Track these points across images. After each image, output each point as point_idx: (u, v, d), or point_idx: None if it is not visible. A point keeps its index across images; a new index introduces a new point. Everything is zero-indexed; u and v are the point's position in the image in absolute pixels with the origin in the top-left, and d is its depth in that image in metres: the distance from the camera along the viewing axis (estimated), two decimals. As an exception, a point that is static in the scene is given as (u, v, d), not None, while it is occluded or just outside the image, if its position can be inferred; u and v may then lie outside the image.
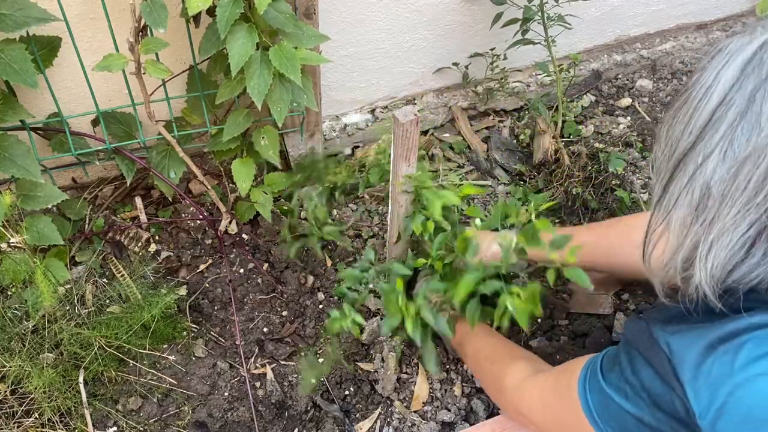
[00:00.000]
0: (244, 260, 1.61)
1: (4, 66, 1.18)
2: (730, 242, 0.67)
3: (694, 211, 0.69)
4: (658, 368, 0.77)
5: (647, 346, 0.79)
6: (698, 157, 0.68)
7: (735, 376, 0.67)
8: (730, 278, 0.69)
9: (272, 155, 1.43)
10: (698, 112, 0.68)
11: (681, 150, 0.70)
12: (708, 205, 0.68)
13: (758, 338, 0.68)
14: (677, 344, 0.74)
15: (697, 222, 0.69)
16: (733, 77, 0.66)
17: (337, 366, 1.43)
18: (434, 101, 1.91)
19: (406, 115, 1.09)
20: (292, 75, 1.24)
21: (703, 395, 0.70)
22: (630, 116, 2.00)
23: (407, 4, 1.64)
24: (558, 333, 1.49)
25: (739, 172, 0.65)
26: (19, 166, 1.27)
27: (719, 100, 0.66)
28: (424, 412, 1.37)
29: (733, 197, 0.65)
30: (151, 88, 1.35)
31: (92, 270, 1.54)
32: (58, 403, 1.31)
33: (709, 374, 0.70)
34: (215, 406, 1.38)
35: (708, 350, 0.70)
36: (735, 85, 0.65)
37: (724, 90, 0.66)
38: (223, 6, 1.17)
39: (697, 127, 0.68)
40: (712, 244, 0.68)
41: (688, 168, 0.69)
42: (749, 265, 0.67)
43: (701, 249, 0.70)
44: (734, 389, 0.67)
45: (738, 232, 0.66)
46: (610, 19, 2.01)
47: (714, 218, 0.67)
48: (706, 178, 0.67)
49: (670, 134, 0.72)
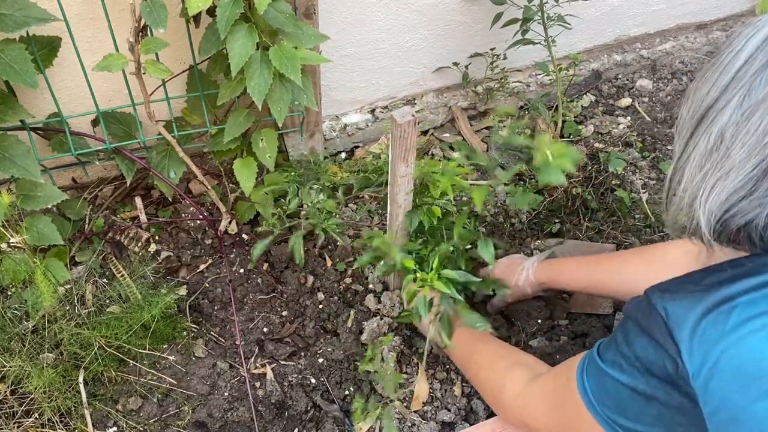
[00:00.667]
0: (244, 260, 1.61)
1: (4, 66, 1.18)
2: (735, 178, 0.71)
3: (707, 154, 0.74)
4: (654, 332, 0.79)
5: (645, 314, 0.82)
6: (719, 108, 0.72)
7: (727, 336, 0.71)
8: (728, 213, 0.73)
9: (269, 158, 1.43)
10: (725, 72, 0.73)
11: (705, 106, 0.74)
12: (720, 147, 0.72)
13: (748, 301, 0.71)
14: (674, 308, 0.78)
15: (708, 162, 0.74)
16: (759, 41, 0.71)
17: (336, 366, 1.43)
18: (434, 101, 1.91)
19: (403, 115, 1.09)
20: (293, 75, 1.24)
21: (696, 356, 0.73)
22: (630, 116, 2.00)
23: (407, 4, 1.64)
24: (558, 333, 1.49)
25: (752, 114, 0.69)
26: (19, 166, 1.27)
27: (745, 59, 0.71)
28: (424, 412, 1.37)
29: (743, 139, 0.69)
30: (151, 88, 1.36)
31: (92, 270, 1.54)
32: (58, 403, 1.31)
33: (702, 336, 0.73)
34: (215, 406, 1.38)
35: (703, 314, 0.74)
36: (760, 47, 0.70)
37: (749, 52, 0.71)
38: (223, 6, 1.17)
39: (722, 84, 0.72)
40: (717, 181, 0.73)
41: (709, 119, 0.74)
42: (749, 200, 0.72)
43: (705, 186, 0.74)
44: (726, 348, 0.71)
45: (745, 169, 0.70)
46: (610, 19, 2.01)
47: (723, 158, 0.72)
48: (722, 124, 0.72)
49: (695, 95, 0.77)
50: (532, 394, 1.07)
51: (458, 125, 1.93)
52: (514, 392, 1.12)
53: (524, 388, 1.10)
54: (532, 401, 1.07)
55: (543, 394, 1.04)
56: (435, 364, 1.44)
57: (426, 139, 1.91)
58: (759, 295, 0.71)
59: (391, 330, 1.46)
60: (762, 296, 0.71)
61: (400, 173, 1.19)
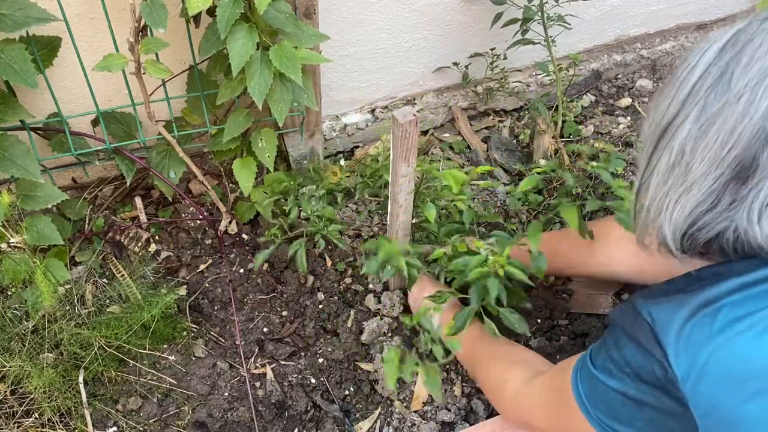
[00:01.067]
0: (244, 260, 1.61)
1: (4, 66, 1.18)
2: (698, 192, 0.73)
3: (670, 169, 0.75)
4: (641, 339, 0.80)
5: (631, 321, 0.82)
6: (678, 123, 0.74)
7: (714, 338, 0.71)
8: (694, 227, 0.75)
9: (268, 158, 1.43)
10: (681, 87, 0.74)
11: (665, 121, 0.76)
12: (681, 161, 0.73)
13: (733, 302, 0.72)
14: (659, 313, 0.78)
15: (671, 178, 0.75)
16: (711, 56, 0.73)
17: (336, 366, 1.43)
18: (434, 101, 1.91)
19: (405, 115, 1.09)
20: (293, 75, 1.24)
21: (683, 359, 0.74)
22: (630, 116, 2.00)
23: (407, 4, 1.64)
24: (558, 333, 1.49)
25: (709, 128, 0.71)
26: (19, 166, 1.27)
27: (699, 74, 0.73)
28: (424, 412, 1.37)
29: (703, 153, 0.71)
30: (151, 88, 1.35)
31: (92, 270, 1.54)
32: (58, 403, 1.31)
33: (689, 338, 0.73)
34: (215, 406, 1.38)
35: (688, 316, 0.74)
36: (713, 61, 0.72)
37: (704, 67, 0.73)
38: (223, 6, 1.17)
39: (680, 99, 0.74)
40: (680, 196, 0.74)
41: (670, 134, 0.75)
42: (713, 213, 0.73)
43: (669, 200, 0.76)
44: (714, 350, 0.71)
45: (706, 183, 0.72)
46: (610, 19, 2.01)
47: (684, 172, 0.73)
48: (681, 138, 0.73)
49: (656, 110, 0.78)
50: (531, 393, 1.08)
51: (458, 125, 1.93)
52: (513, 390, 1.13)
53: (523, 386, 1.11)
54: (530, 400, 1.08)
55: (540, 393, 1.05)
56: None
57: (426, 139, 1.91)
58: (743, 296, 0.72)
59: (391, 330, 1.46)
60: (747, 297, 0.72)
61: (402, 173, 1.19)
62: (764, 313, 0.69)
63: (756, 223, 0.70)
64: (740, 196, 0.70)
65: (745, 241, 0.72)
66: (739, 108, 0.68)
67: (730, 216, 0.72)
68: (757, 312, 0.70)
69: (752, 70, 0.68)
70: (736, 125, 0.68)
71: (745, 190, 0.70)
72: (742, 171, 0.69)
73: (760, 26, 0.71)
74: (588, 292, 1.55)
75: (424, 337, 1.22)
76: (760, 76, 0.68)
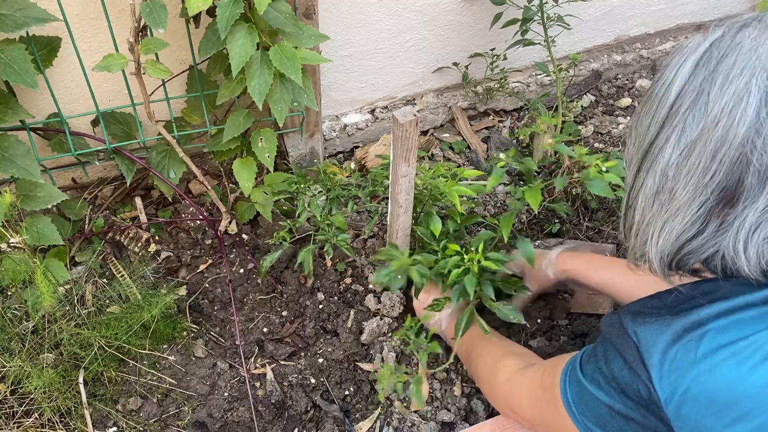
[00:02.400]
0: (244, 260, 1.61)
1: (4, 66, 1.18)
2: (683, 219, 0.72)
3: (654, 194, 0.75)
4: (627, 356, 0.80)
5: (618, 335, 0.83)
6: (660, 145, 0.74)
7: (699, 363, 0.71)
8: (680, 253, 0.75)
9: (268, 158, 1.43)
10: (661, 106, 0.74)
11: (648, 140, 0.76)
12: (665, 187, 0.73)
13: (719, 327, 0.72)
14: (644, 333, 0.78)
15: (656, 203, 0.75)
16: (687, 73, 0.72)
17: (336, 366, 1.43)
18: (434, 101, 1.91)
19: (405, 115, 1.09)
20: (293, 75, 1.24)
21: (667, 382, 0.74)
22: (630, 116, 2.00)
23: (407, 4, 1.64)
24: (558, 333, 1.49)
25: (690, 154, 0.70)
26: (19, 166, 1.27)
27: (677, 93, 0.72)
28: (424, 412, 1.37)
29: (686, 178, 0.71)
30: (150, 88, 1.35)
31: (92, 270, 1.54)
32: (58, 403, 1.31)
33: (673, 361, 0.73)
34: (215, 406, 1.38)
35: (673, 339, 0.74)
36: (689, 80, 0.71)
37: (680, 85, 0.72)
38: (223, 6, 1.17)
39: (660, 119, 0.74)
40: (665, 223, 0.74)
41: (653, 155, 0.75)
42: (699, 240, 0.73)
43: (654, 227, 0.76)
44: (698, 375, 0.71)
45: (691, 210, 0.71)
46: (610, 19, 2.01)
47: (669, 198, 0.73)
48: (664, 163, 0.73)
49: (638, 128, 0.78)
50: (521, 384, 1.10)
51: (458, 125, 1.93)
52: (505, 377, 1.15)
53: (515, 374, 1.13)
54: (519, 390, 1.10)
55: (530, 387, 1.07)
56: (435, 365, 1.44)
57: (426, 139, 1.91)
58: (729, 321, 0.71)
59: (391, 330, 1.46)
60: (732, 322, 0.71)
61: (402, 173, 1.19)
62: (748, 341, 0.69)
63: (742, 253, 0.69)
64: (727, 222, 0.70)
65: (732, 268, 0.72)
66: (718, 134, 0.67)
67: (717, 242, 0.71)
68: (741, 340, 0.69)
69: (727, 93, 0.67)
70: (716, 151, 0.67)
71: (731, 216, 0.69)
72: (726, 197, 0.69)
73: (732, 40, 0.70)
74: (588, 292, 1.55)
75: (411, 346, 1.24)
76: (736, 99, 0.66)
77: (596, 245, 1.64)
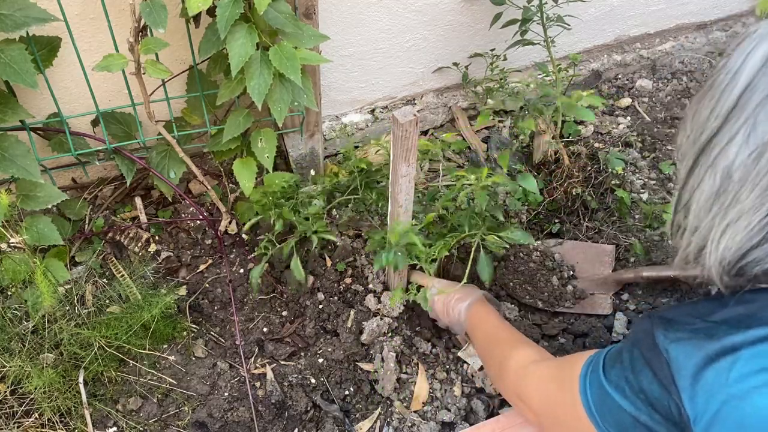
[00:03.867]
0: (244, 260, 1.61)
1: (4, 66, 1.18)
2: (748, 225, 0.67)
3: (714, 195, 0.69)
4: (658, 371, 0.78)
5: (649, 348, 0.80)
6: (722, 142, 0.68)
7: (730, 387, 0.68)
8: (743, 261, 0.69)
9: (267, 159, 1.43)
10: (724, 97, 0.68)
11: (707, 135, 0.70)
12: (728, 189, 0.68)
13: (751, 355, 0.68)
14: (677, 352, 0.75)
15: (716, 205, 0.69)
16: (759, 62, 0.65)
17: (336, 366, 1.43)
18: (434, 101, 1.91)
19: (405, 115, 1.09)
20: (293, 75, 1.24)
21: (698, 401, 0.71)
22: (630, 116, 2.00)
23: (407, 4, 1.64)
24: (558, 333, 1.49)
25: (761, 156, 0.64)
26: (19, 166, 1.27)
27: (745, 85, 0.66)
28: (424, 412, 1.37)
29: (754, 181, 0.65)
30: (150, 88, 1.36)
31: (92, 270, 1.54)
32: (58, 403, 1.31)
33: (705, 383, 0.71)
34: (215, 406, 1.38)
35: (706, 362, 0.71)
36: (761, 70, 0.65)
37: (750, 75, 0.66)
38: (223, 6, 1.17)
39: (723, 112, 0.68)
40: (728, 227, 0.69)
41: (713, 152, 0.69)
42: (763, 248, 0.67)
43: (715, 231, 0.70)
44: (729, 398, 0.68)
45: (757, 216, 0.66)
46: (610, 19, 2.01)
47: (732, 202, 0.68)
48: (728, 162, 0.67)
49: (695, 119, 0.72)
50: (534, 375, 1.07)
51: (458, 125, 1.93)
52: (519, 364, 1.11)
53: (529, 364, 1.10)
54: (532, 381, 1.07)
55: (543, 379, 1.04)
56: (435, 364, 1.44)
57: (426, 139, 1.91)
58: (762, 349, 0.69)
59: (391, 330, 1.46)
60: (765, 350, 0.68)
61: (402, 173, 1.19)
62: None
63: None
64: None
65: None
66: None
67: None
68: None
69: None
70: None
71: None
72: None
73: None
74: (588, 292, 1.55)
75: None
76: None
77: (596, 246, 1.64)
